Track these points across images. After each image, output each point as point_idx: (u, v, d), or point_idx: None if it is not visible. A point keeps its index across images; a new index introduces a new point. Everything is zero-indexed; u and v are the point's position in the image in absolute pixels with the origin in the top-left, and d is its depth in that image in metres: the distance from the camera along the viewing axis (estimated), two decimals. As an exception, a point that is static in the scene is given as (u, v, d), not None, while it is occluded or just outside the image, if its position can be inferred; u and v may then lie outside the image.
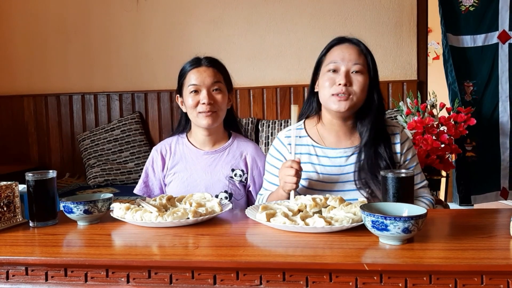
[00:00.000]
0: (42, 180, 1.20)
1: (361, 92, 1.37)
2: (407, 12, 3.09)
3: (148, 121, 3.40)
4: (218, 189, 1.58)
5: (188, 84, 1.57)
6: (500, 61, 2.76)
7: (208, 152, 1.62)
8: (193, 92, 1.55)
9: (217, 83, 1.56)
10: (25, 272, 0.97)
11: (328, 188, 1.40)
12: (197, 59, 1.60)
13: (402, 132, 1.47)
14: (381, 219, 0.93)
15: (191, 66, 1.58)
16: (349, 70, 1.37)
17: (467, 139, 2.73)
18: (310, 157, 1.44)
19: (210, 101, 1.53)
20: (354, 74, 1.37)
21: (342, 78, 1.36)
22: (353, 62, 1.37)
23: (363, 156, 1.40)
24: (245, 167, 1.62)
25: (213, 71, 1.57)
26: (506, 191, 2.82)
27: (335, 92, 1.37)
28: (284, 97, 3.21)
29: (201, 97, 1.54)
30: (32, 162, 3.50)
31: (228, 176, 1.59)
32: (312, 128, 1.49)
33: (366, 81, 1.39)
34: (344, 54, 1.38)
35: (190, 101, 1.55)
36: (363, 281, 0.87)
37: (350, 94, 1.37)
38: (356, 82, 1.37)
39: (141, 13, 3.39)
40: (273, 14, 3.23)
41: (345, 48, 1.40)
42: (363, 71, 1.38)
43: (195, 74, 1.56)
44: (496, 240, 0.99)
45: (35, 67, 3.53)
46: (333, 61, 1.39)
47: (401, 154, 1.44)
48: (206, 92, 1.54)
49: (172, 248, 1.00)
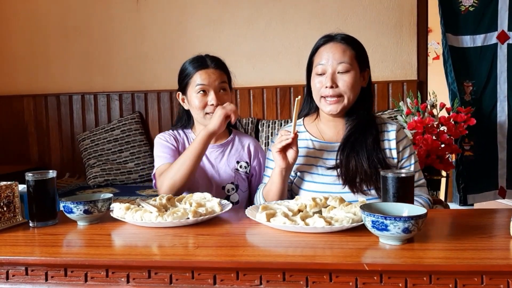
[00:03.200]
0: (42, 180, 1.20)
1: (350, 91, 1.39)
2: (407, 12, 3.09)
3: (148, 121, 3.40)
4: (226, 181, 1.61)
5: (196, 84, 1.57)
6: (499, 61, 2.76)
7: (214, 146, 1.65)
8: (201, 92, 1.57)
9: (223, 83, 1.60)
10: (25, 272, 0.97)
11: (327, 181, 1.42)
12: (202, 59, 1.61)
13: (400, 130, 1.48)
14: (381, 219, 0.94)
15: (198, 67, 1.59)
16: (335, 71, 1.40)
17: (465, 138, 2.74)
18: (308, 150, 1.47)
19: (218, 103, 1.56)
20: (340, 74, 1.39)
21: (328, 81, 1.39)
22: (338, 62, 1.39)
23: (347, 150, 1.41)
24: (248, 158, 1.67)
25: (219, 72, 1.60)
26: (504, 190, 2.83)
27: (324, 95, 1.41)
28: (284, 97, 3.21)
29: (209, 99, 1.56)
30: (32, 162, 3.49)
31: (234, 169, 1.63)
32: (311, 124, 1.52)
33: (355, 77, 1.40)
34: (329, 55, 1.40)
35: (198, 102, 1.57)
36: (363, 281, 0.87)
37: (339, 95, 1.40)
38: (343, 82, 1.39)
39: (141, 13, 3.39)
40: (273, 14, 3.23)
41: (330, 48, 1.41)
42: (349, 69, 1.39)
43: (202, 76, 1.57)
44: (496, 240, 0.99)
45: (35, 67, 3.53)
46: (320, 63, 1.42)
47: (398, 152, 1.45)
48: (214, 93, 1.56)
49: (172, 248, 1.00)
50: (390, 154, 1.45)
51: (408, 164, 1.45)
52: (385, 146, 1.45)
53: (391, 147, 1.45)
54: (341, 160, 1.41)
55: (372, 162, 1.39)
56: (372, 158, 1.40)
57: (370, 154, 1.40)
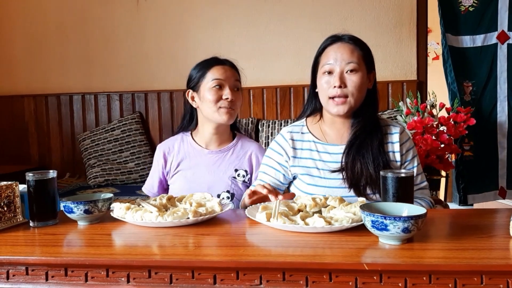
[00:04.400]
0: (43, 180, 1.20)
1: (358, 92, 1.39)
2: (407, 12, 3.09)
3: (148, 121, 3.40)
4: (221, 188, 1.59)
5: (212, 78, 1.58)
6: (499, 61, 2.76)
7: (212, 151, 1.63)
8: (217, 87, 1.57)
9: (237, 82, 1.62)
10: (26, 272, 0.97)
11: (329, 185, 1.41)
12: (215, 58, 1.64)
13: (403, 133, 1.47)
14: (380, 219, 0.94)
15: (213, 63, 1.61)
16: (343, 71, 1.39)
17: (465, 138, 2.74)
18: (311, 153, 1.46)
19: (233, 98, 1.57)
20: (348, 74, 1.38)
21: (336, 80, 1.37)
22: (346, 62, 1.38)
23: (352, 152, 1.40)
24: (249, 167, 1.64)
25: (234, 71, 1.63)
26: (504, 191, 2.83)
27: (331, 95, 1.39)
28: (284, 97, 3.21)
29: (225, 93, 1.57)
30: (33, 162, 3.50)
31: (231, 177, 1.61)
32: (314, 125, 1.51)
33: (362, 78, 1.39)
34: (337, 55, 1.39)
35: (212, 96, 1.57)
36: (362, 281, 0.87)
37: (346, 96, 1.38)
38: (351, 82, 1.38)
39: (141, 13, 3.39)
40: (273, 14, 3.23)
41: (338, 48, 1.40)
42: (357, 69, 1.38)
43: (219, 70, 1.59)
44: (496, 240, 0.99)
45: (36, 67, 3.53)
46: (327, 63, 1.40)
47: (401, 155, 1.44)
48: (229, 89, 1.57)
49: (172, 248, 1.00)
50: (393, 157, 1.44)
51: (411, 166, 1.45)
52: (389, 149, 1.44)
53: (395, 150, 1.44)
54: (346, 163, 1.39)
55: (378, 165, 1.38)
56: (377, 161, 1.38)
57: (375, 157, 1.39)
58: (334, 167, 1.42)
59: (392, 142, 1.45)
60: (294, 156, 1.47)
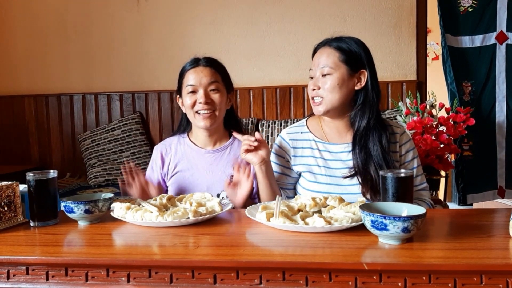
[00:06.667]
0: (43, 180, 1.20)
1: (331, 93, 1.42)
2: (406, 12, 3.09)
3: (148, 121, 3.40)
4: (220, 188, 1.58)
5: (186, 84, 1.58)
6: (498, 62, 2.77)
7: (209, 151, 1.63)
8: (191, 92, 1.57)
9: (214, 83, 1.57)
10: (26, 271, 0.98)
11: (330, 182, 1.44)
12: (195, 59, 1.62)
13: (403, 134, 1.49)
14: (380, 218, 0.94)
15: (189, 66, 1.60)
16: (320, 74, 1.44)
17: (464, 138, 2.74)
18: (312, 151, 1.49)
19: (207, 101, 1.54)
20: (322, 77, 1.44)
21: (311, 84, 1.46)
22: (321, 66, 1.44)
23: (357, 150, 1.42)
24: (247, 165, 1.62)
25: (210, 70, 1.58)
26: (503, 190, 2.84)
27: (311, 96, 1.47)
28: (284, 97, 3.21)
29: (198, 97, 1.55)
30: (33, 162, 3.50)
31: (229, 175, 1.60)
32: (314, 125, 1.54)
33: (336, 80, 1.41)
34: (315, 60, 1.47)
35: (188, 101, 1.57)
36: (362, 281, 0.88)
37: (321, 97, 1.44)
38: (324, 84, 1.43)
39: (141, 13, 3.39)
40: (273, 14, 3.23)
41: (318, 54, 1.48)
42: (330, 72, 1.42)
43: (192, 74, 1.57)
44: (495, 239, 1.00)
45: (36, 67, 3.53)
46: (310, 68, 1.48)
47: (400, 156, 1.46)
48: (203, 91, 1.55)
49: (173, 248, 1.00)
50: (395, 158, 1.46)
51: (410, 167, 1.46)
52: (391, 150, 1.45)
53: (396, 150, 1.46)
54: (358, 167, 1.40)
55: (386, 164, 1.39)
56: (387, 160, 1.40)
57: (384, 156, 1.40)
58: (336, 165, 1.45)
59: (394, 143, 1.47)
60: (295, 155, 1.50)
